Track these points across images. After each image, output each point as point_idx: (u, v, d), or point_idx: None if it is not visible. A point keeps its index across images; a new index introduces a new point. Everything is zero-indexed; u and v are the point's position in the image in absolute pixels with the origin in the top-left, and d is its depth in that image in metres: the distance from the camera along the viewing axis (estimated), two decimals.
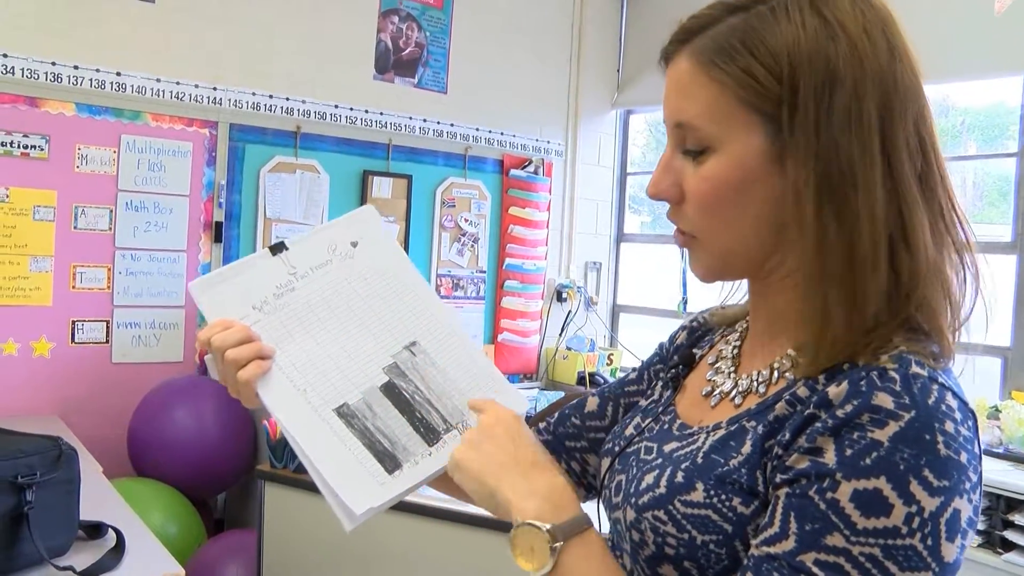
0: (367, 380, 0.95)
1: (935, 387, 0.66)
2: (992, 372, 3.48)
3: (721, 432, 0.77)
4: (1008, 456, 3.01)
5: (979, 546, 2.79)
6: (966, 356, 0.73)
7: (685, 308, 4.32)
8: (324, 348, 0.96)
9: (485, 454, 0.81)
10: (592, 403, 1.05)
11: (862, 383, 0.66)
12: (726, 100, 0.73)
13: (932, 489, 0.63)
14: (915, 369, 0.67)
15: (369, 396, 0.95)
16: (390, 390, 0.96)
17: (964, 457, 0.65)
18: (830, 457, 0.65)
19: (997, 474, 2.80)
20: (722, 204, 0.75)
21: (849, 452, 0.65)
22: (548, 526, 0.73)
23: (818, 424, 0.67)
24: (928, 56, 0.76)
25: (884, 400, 0.65)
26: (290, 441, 0.91)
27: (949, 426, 0.65)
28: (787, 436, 0.70)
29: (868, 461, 0.64)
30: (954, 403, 0.66)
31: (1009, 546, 2.74)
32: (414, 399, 0.95)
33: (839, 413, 0.66)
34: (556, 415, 1.07)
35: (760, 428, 0.73)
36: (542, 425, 1.07)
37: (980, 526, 2.79)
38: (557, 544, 0.73)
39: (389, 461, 0.91)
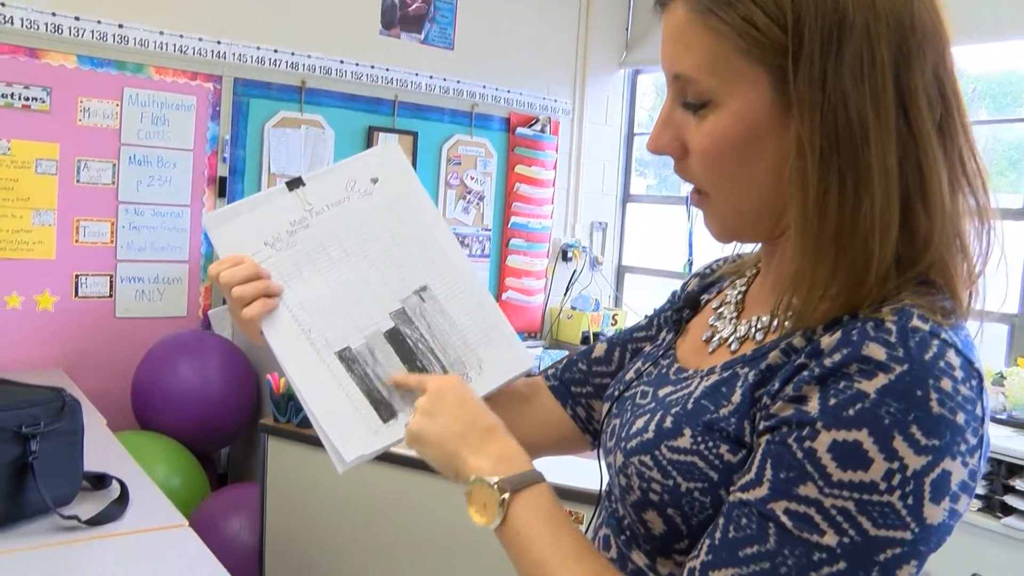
0: (372, 324, 0.95)
1: (935, 342, 0.62)
2: (999, 338, 3.47)
3: (714, 377, 0.75)
4: (1011, 422, 3.01)
5: (979, 510, 2.80)
6: (979, 322, 0.70)
7: (691, 269, 4.30)
8: (333, 289, 0.95)
9: (441, 424, 0.82)
10: (600, 349, 1.04)
11: (854, 333, 0.63)
12: (726, 51, 0.68)
13: (919, 447, 0.60)
14: (915, 323, 0.63)
15: (372, 341, 0.94)
16: (394, 337, 0.95)
17: (961, 418, 0.61)
18: (813, 406, 0.63)
19: (1000, 440, 2.80)
20: (727, 162, 0.71)
21: (832, 401, 0.62)
22: (496, 479, 0.76)
23: (805, 373, 0.65)
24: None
25: (875, 351, 0.62)
26: (289, 381, 0.92)
27: (946, 383, 0.61)
28: (776, 386, 0.67)
29: (851, 412, 0.61)
30: (955, 360, 0.62)
31: (1009, 510, 2.76)
32: (417, 347, 0.95)
33: (827, 362, 0.63)
34: (564, 361, 1.07)
35: (752, 376, 0.71)
36: (549, 371, 1.07)
37: (980, 490, 2.80)
38: (505, 495, 0.75)
39: (385, 409, 0.91)
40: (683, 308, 0.91)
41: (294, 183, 0.98)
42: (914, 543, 0.61)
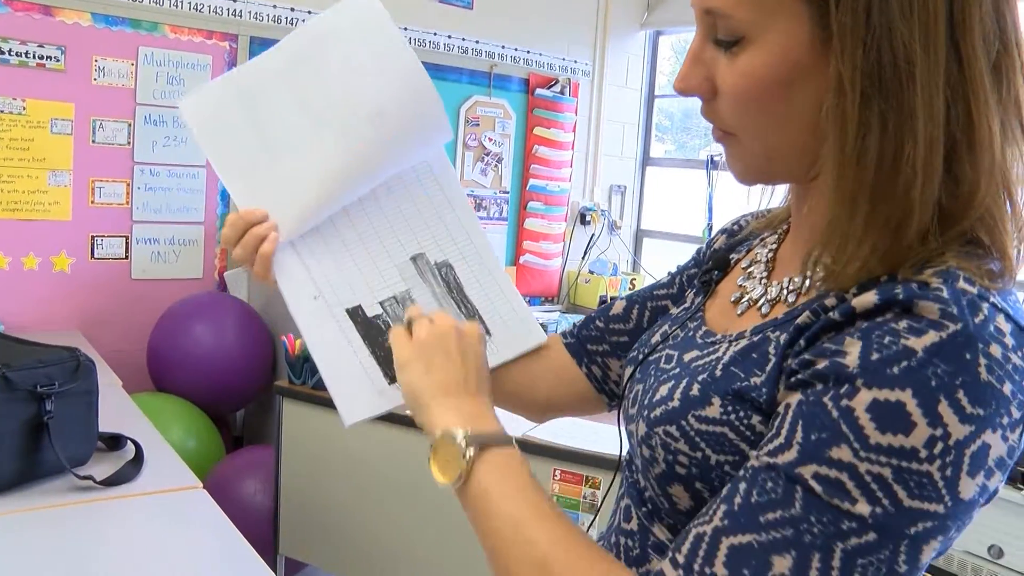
0: (386, 288, 0.94)
1: (985, 306, 0.58)
2: None
3: (744, 342, 0.70)
4: None
5: None
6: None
7: (710, 234, 4.25)
8: (349, 248, 0.94)
9: (434, 367, 0.81)
10: (618, 306, 1.01)
11: (898, 290, 0.58)
12: None
13: (964, 415, 0.55)
14: (963, 285, 0.58)
15: (385, 303, 0.94)
16: (405, 301, 0.95)
17: (1008, 388, 0.56)
18: (852, 360, 0.57)
19: None
20: (762, 102, 0.65)
21: (875, 356, 0.57)
22: (463, 433, 0.74)
23: (843, 327, 0.60)
24: None
25: (928, 307, 0.57)
26: (301, 335, 0.92)
27: (996, 350, 0.56)
28: (802, 344, 0.63)
29: (896, 370, 0.56)
30: (1006, 327, 0.58)
31: None
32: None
33: (869, 315, 0.59)
34: (583, 318, 1.04)
35: (784, 340, 0.66)
36: (567, 330, 1.04)
37: None
38: (470, 451, 0.72)
39: (391, 369, 0.89)
40: (712, 268, 0.86)
41: None
42: (945, 518, 0.56)
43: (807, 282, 0.70)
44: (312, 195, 0.91)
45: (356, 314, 0.92)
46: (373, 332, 0.93)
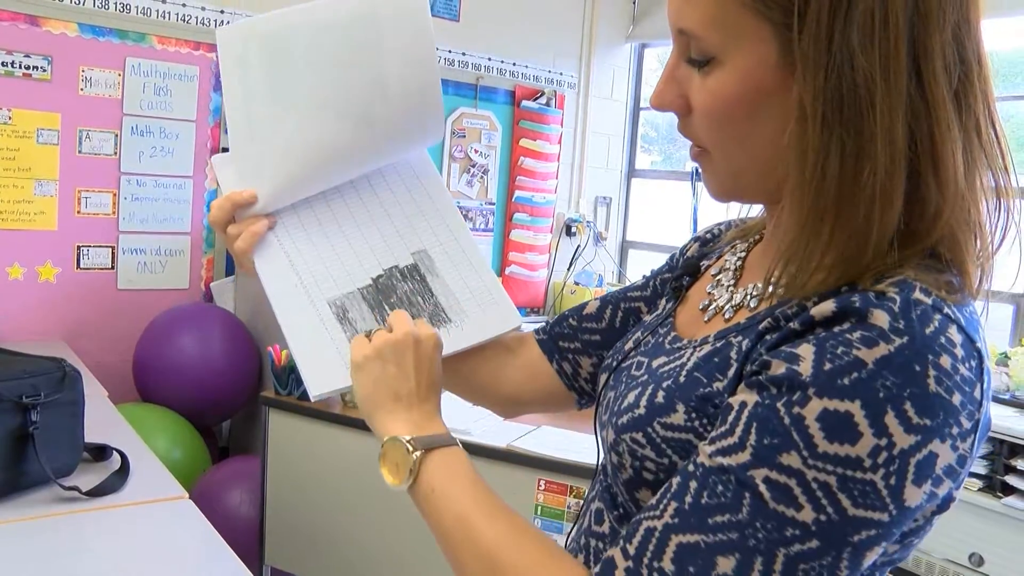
0: (364, 275, 0.97)
1: (937, 316, 0.59)
2: (1004, 318, 3.45)
3: (707, 348, 0.71)
4: (1014, 402, 3.01)
5: (979, 490, 2.81)
6: (985, 302, 0.66)
7: None
8: (329, 237, 0.97)
9: (387, 373, 0.84)
10: (592, 306, 1.03)
11: (855, 299, 0.60)
12: (732, 6, 0.64)
13: (910, 425, 0.56)
14: (917, 295, 0.60)
15: (364, 291, 0.96)
16: (384, 288, 0.97)
17: (957, 399, 0.58)
18: (806, 368, 0.59)
19: (1002, 420, 2.80)
20: (731, 121, 0.67)
21: (828, 367, 0.58)
22: (409, 437, 0.78)
23: (801, 334, 0.61)
24: None
25: (879, 317, 0.58)
26: (273, 309, 0.94)
27: (945, 361, 0.57)
28: (761, 352, 0.64)
29: (846, 381, 0.57)
30: (957, 338, 0.59)
31: (1009, 490, 2.76)
32: (405, 297, 0.97)
33: (825, 323, 0.60)
34: (557, 316, 1.05)
35: (746, 345, 0.67)
36: (539, 326, 1.06)
37: (981, 470, 2.80)
38: (417, 454, 0.77)
39: None
40: (683, 275, 0.88)
41: None
42: (889, 525, 0.58)
43: (769, 288, 0.71)
44: (301, 165, 0.94)
45: (334, 303, 0.94)
46: (348, 316, 0.96)
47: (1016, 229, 0.67)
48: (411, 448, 0.77)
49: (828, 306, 0.61)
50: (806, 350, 0.60)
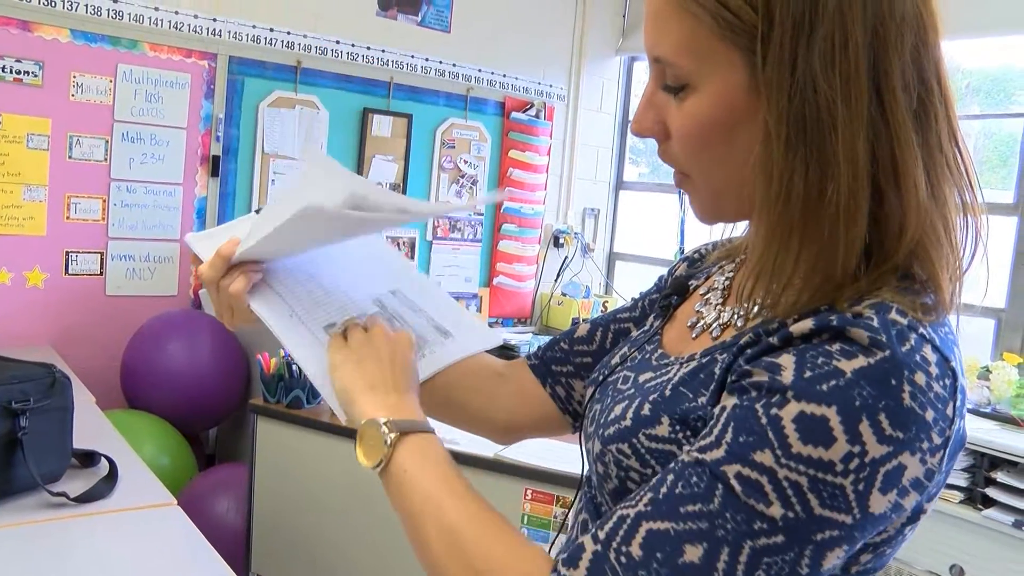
0: (355, 308, 0.99)
1: (913, 336, 0.62)
2: (985, 333, 3.49)
3: (693, 364, 0.74)
4: (995, 416, 3.04)
5: (960, 502, 2.83)
6: (961, 316, 0.69)
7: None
8: (305, 286, 0.99)
9: (363, 367, 0.85)
10: (583, 329, 1.05)
11: (833, 318, 0.63)
12: (702, 34, 0.67)
13: (883, 436, 0.59)
14: (894, 316, 0.62)
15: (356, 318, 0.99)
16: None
17: (930, 415, 0.60)
18: (787, 375, 0.62)
19: (983, 433, 2.83)
20: (707, 144, 0.70)
21: (808, 374, 0.61)
22: (385, 419, 0.79)
23: (781, 348, 0.64)
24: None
25: (859, 335, 0.61)
26: (272, 329, 0.96)
27: (920, 378, 0.60)
28: (741, 364, 0.67)
29: (824, 387, 0.60)
30: (932, 356, 0.62)
31: (990, 503, 2.79)
32: (390, 321, 1.00)
33: (806, 337, 0.63)
34: (548, 341, 1.07)
35: (727, 360, 0.70)
36: (532, 352, 1.08)
37: (962, 483, 2.83)
38: (392, 435, 0.78)
39: None
40: (671, 294, 0.91)
41: (260, 211, 1.02)
42: (851, 528, 0.60)
43: (755, 307, 0.73)
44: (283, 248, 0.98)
45: (330, 328, 0.97)
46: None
47: (983, 245, 0.69)
48: (387, 430, 0.78)
49: (807, 324, 0.64)
50: (787, 360, 0.63)
